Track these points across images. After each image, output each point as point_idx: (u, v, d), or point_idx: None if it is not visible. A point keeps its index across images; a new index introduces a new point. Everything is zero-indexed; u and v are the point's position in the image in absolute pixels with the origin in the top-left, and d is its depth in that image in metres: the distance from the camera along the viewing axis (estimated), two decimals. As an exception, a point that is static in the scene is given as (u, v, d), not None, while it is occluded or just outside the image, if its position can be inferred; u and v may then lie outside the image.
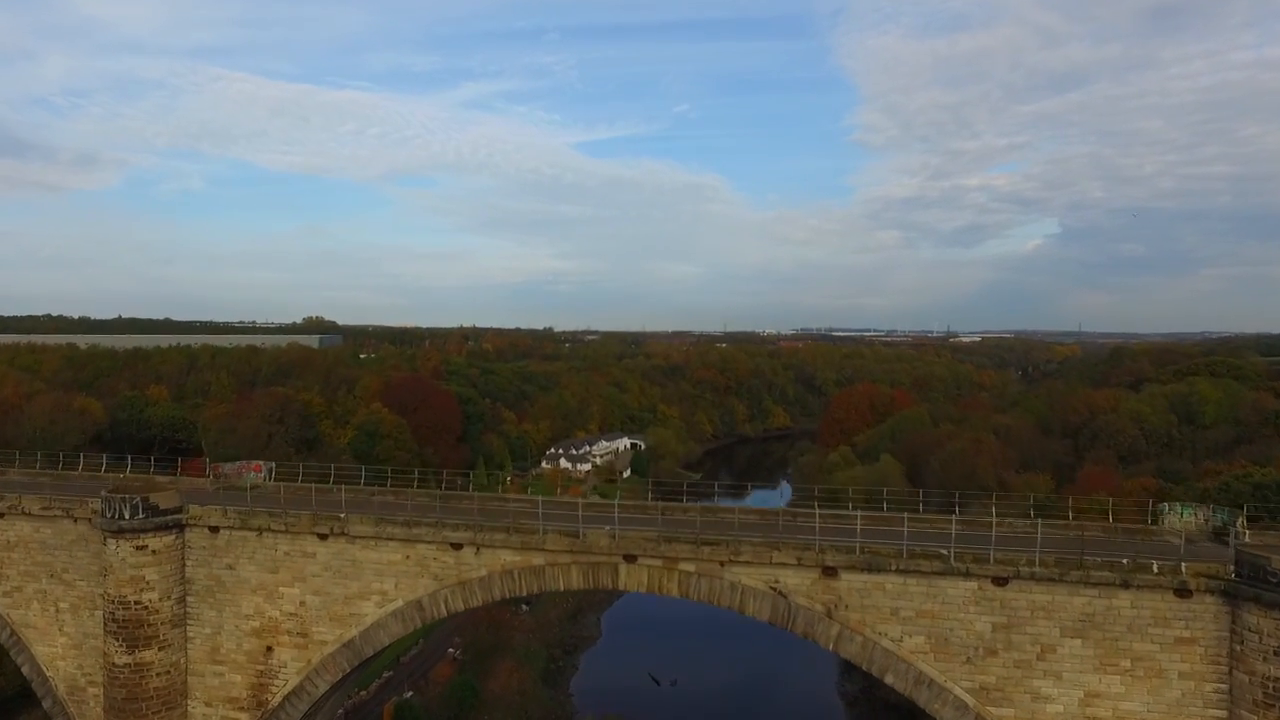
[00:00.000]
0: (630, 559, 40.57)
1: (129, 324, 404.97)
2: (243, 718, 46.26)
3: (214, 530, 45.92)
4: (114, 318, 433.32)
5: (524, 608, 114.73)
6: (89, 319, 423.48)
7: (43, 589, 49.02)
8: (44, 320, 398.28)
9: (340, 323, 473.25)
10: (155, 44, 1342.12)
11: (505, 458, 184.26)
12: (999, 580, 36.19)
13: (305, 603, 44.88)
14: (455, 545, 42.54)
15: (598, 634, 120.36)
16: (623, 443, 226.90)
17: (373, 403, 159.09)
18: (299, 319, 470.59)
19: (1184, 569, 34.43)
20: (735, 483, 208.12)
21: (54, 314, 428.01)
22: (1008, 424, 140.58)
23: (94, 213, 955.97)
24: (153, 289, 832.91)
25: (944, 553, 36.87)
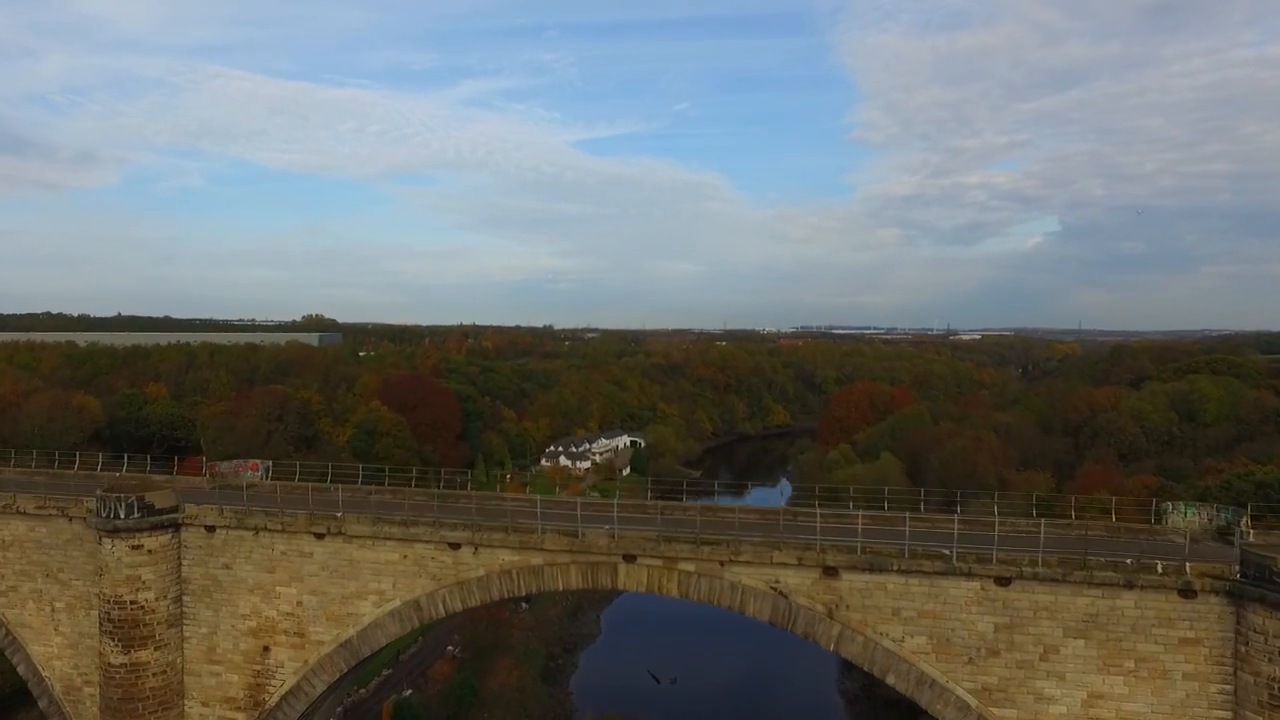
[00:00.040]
0: (630, 559, 40.27)
1: (128, 322, 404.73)
2: (240, 718, 46.00)
3: (210, 529, 45.61)
4: (113, 315, 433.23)
5: (523, 606, 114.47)
6: (88, 317, 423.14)
7: (38, 588, 48.76)
8: (43, 318, 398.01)
9: (340, 320, 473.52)
10: (154, 42, 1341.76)
11: (505, 456, 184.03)
12: (1002, 580, 35.90)
13: (302, 602, 44.59)
14: (453, 545, 42.24)
15: (597, 632, 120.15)
16: (622, 440, 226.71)
17: (372, 401, 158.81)
18: (299, 317, 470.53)
19: (1188, 569, 34.11)
20: (735, 481, 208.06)
21: (53, 312, 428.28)
22: (1008, 422, 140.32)
23: (93, 211, 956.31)
24: (152, 287, 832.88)
25: (946, 553, 36.57)
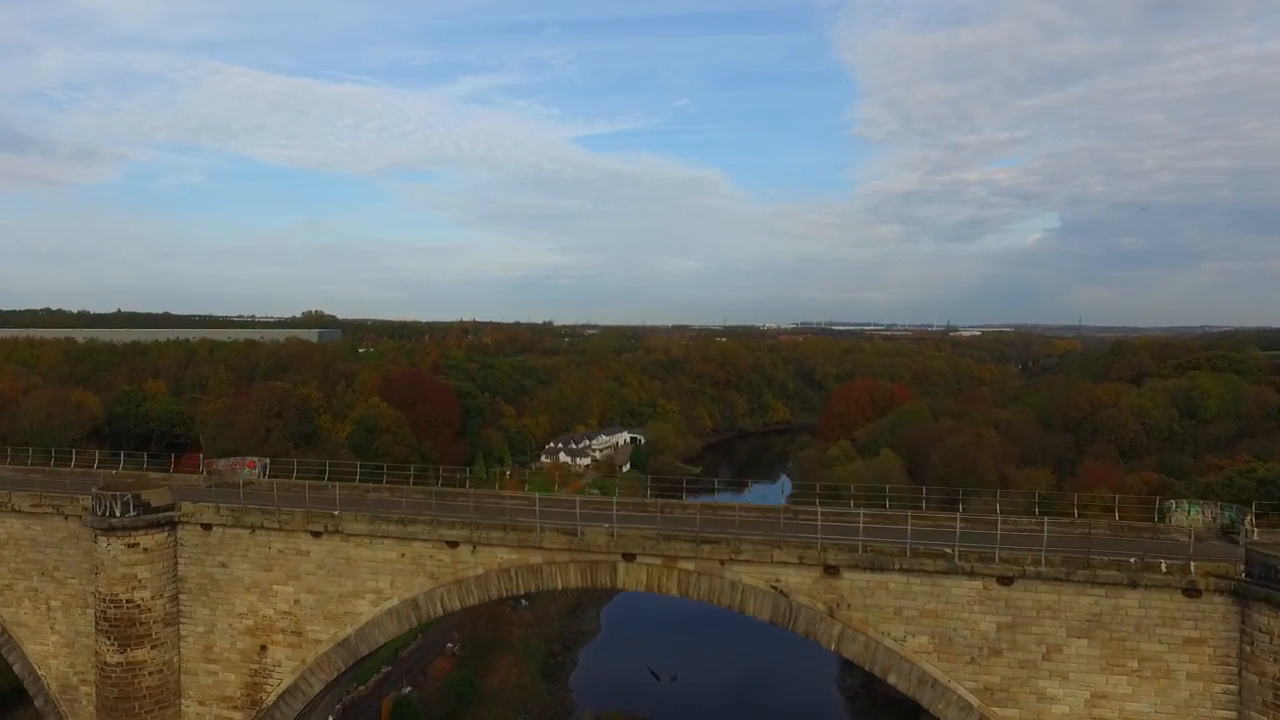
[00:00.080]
0: (629, 557, 39.96)
1: (128, 318, 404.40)
2: (237, 717, 45.73)
3: (206, 528, 45.29)
4: (113, 312, 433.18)
5: (523, 602, 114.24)
6: (88, 313, 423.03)
7: (34, 587, 48.46)
8: (42, 314, 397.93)
9: (339, 317, 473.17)
10: (153, 38, 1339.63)
11: (505, 452, 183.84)
12: (1004, 579, 35.59)
13: (299, 601, 44.28)
14: (451, 543, 41.92)
15: (597, 629, 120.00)
16: (622, 437, 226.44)
17: (371, 397, 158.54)
18: (298, 313, 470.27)
19: (1193, 568, 33.80)
20: (735, 478, 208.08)
21: (53, 308, 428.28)
22: (1008, 418, 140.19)
23: (93, 207, 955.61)
24: (152, 283, 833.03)
25: (948, 551, 36.25)
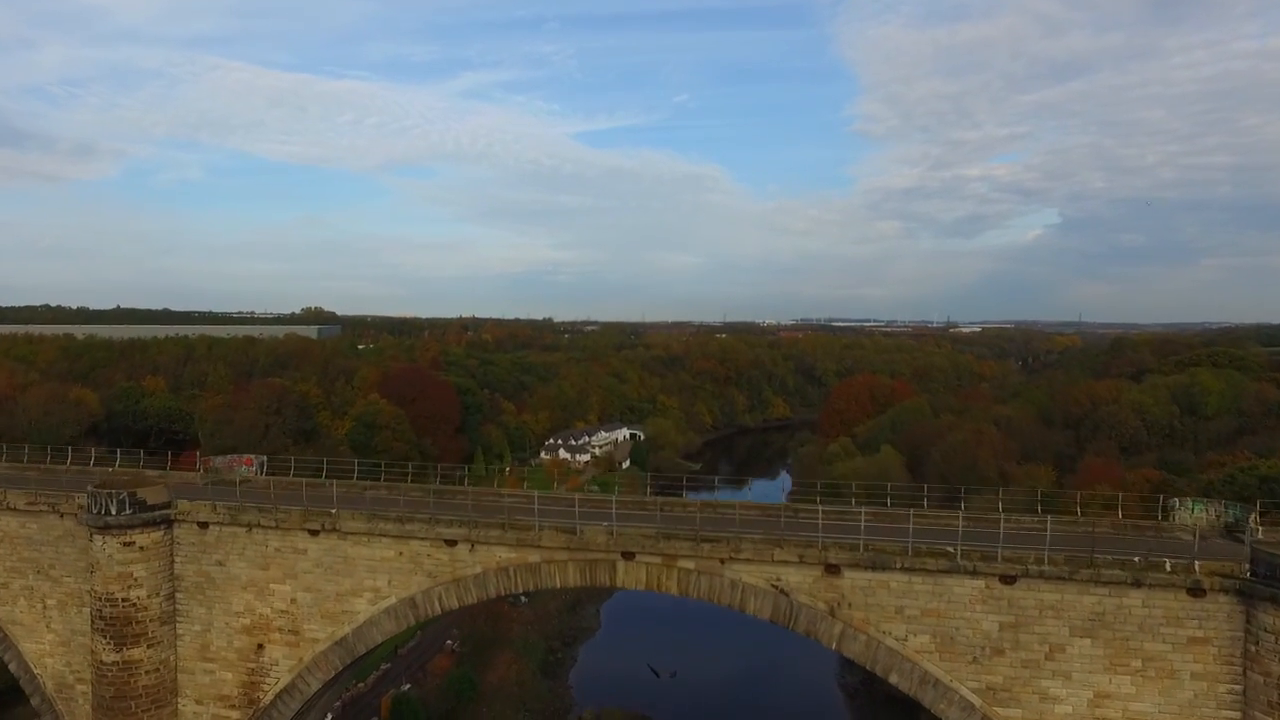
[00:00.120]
0: (628, 556, 39.65)
1: (127, 314, 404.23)
2: (234, 716, 45.45)
3: (203, 526, 44.96)
4: (112, 308, 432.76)
5: (522, 599, 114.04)
6: (87, 309, 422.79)
7: (29, 585, 48.13)
8: (42, 311, 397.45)
9: (339, 313, 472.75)
10: (152, 33, 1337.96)
11: (504, 448, 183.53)
12: (1007, 579, 35.28)
13: (296, 600, 43.97)
14: (449, 542, 41.60)
15: (597, 625, 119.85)
16: (622, 433, 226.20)
17: (371, 394, 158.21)
18: (298, 309, 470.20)
19: (1197, 567, 33.49)
20: (735, 475, 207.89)
21: (52, 304, 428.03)
22: (1009, 415, 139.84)
23: (92, 203, 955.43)
24: (151, 279, 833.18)
25: (950, 550, 35.94)
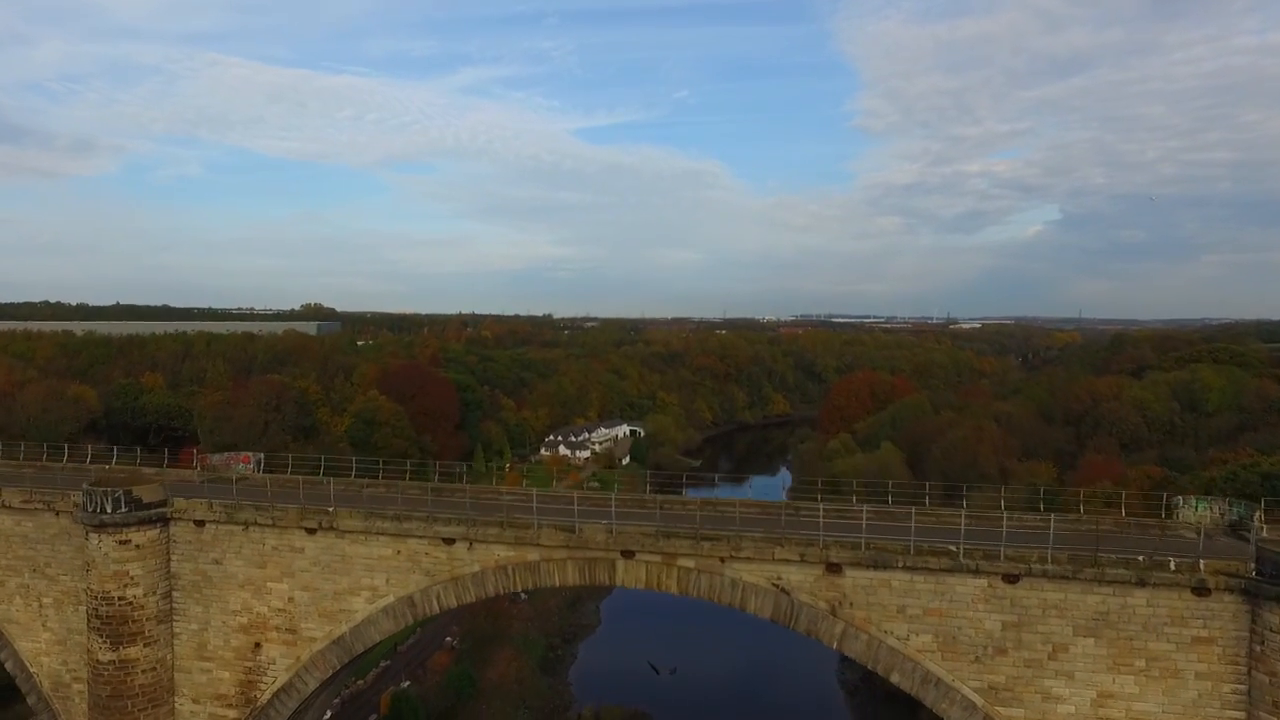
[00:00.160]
0: (628, 554, 39.36)
1: (126, 311, 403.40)
2: (231, 715, 45.18)
3: (199, 524, 44.64)
4: (111, 304, 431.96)
5: (522, 596, 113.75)
6: (86, 306, 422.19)
7: (25, 584, 47.84)
8: (41, 307, 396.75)
9: (338, 309, 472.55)
10: (151, 29, 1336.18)
11: (504, 445, 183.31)
12: (1010, 578, 34.98)
13: (294, 598, 43.67)
14: (447, 540, 41.29)
15: (597, 622, 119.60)
16: (622, 430, 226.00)
17: (370, 390, 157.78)
18: (297, 305, 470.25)
19: (1202, 566, 33.19)
20: (735, 471, 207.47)
21: (51, 301, 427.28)
22: (1009, 411, 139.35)
23: (91, 199, 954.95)
24: (150, 276, 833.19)
25: (952, 549, 35.64)
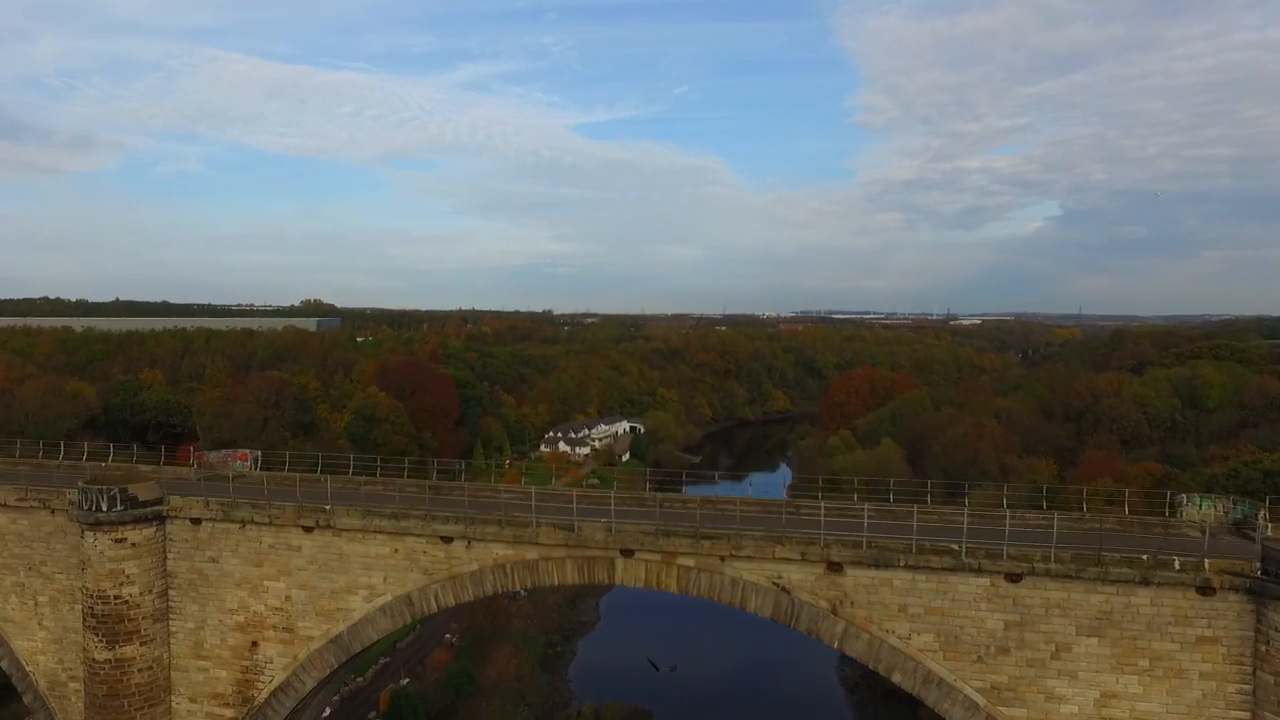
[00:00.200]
0: (627, 553, 39.08)
1: (126, 307, 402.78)
2: (228, 714, 44.93)
3: (196, 522, 44.34)
4: (111, 301, 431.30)
5: (522, 593, 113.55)
6: (86, 302, 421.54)
7: (21, 582, 47.55)
8: (40, 303, 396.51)
9: (338, 306, 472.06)
10: (150, 24, 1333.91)
11: (504, 441, 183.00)
12: (1012, 576, 34.69)
13: (291, 597, 43.39)
14: (445, 539, 41.00)
15: (596, 619, 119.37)
16: (622, 426, 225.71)
17: (370, 387, 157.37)
18: (296, 302, 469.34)
19: (1207, 565, 32.90)
20: (735, 468, 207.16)
21: (51, 297, 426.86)
22: (1009, 408, 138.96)
23: (91, 195, 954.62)
24: (150, 272, 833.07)
25: (955, 547, 35.36)
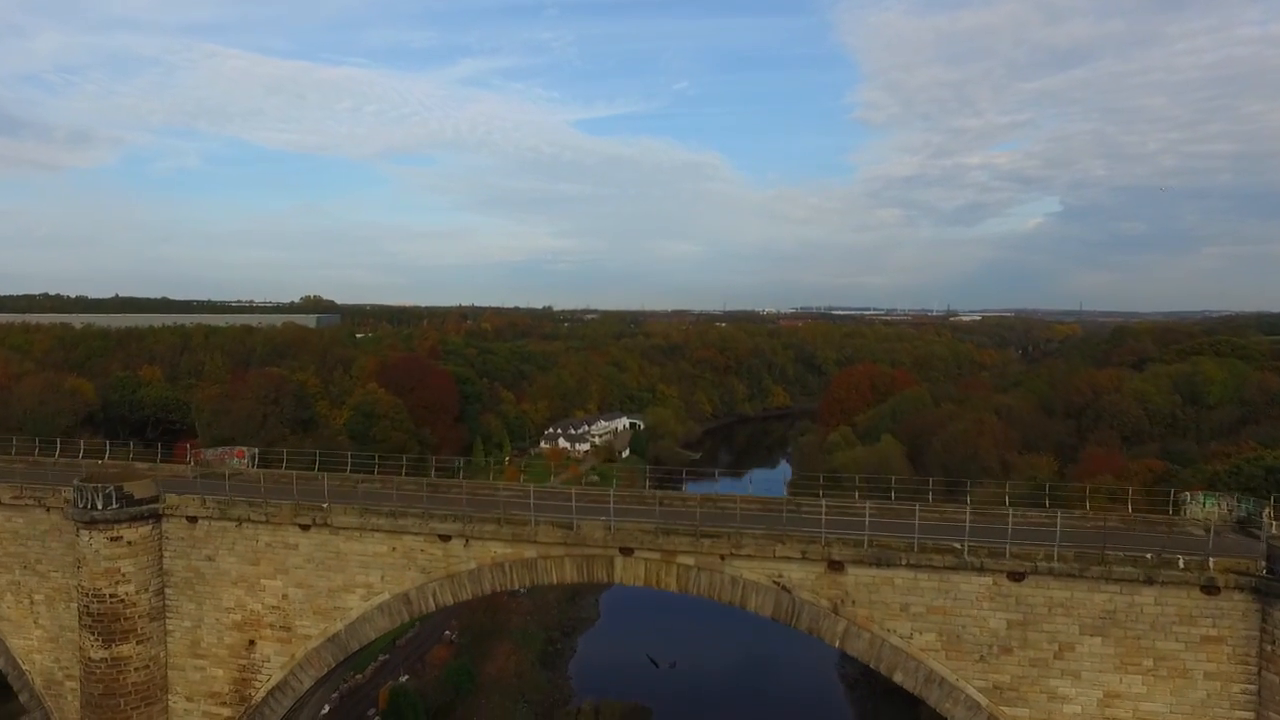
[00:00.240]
0: (626, 552, 38.78)
1: (125, 303, 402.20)
2: (225, 713, 44.68)
3: (192, 520, 44.03)
4: (110, 297, 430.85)
5: (521, 590, 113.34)
6: (85, 298, 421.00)
7: (16, 580, 47.27)
8: (39, 299, 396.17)
9: (338, 302, 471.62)
10: (149, 20, 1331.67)
11: (504, 438, 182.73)
12: (1015, 575, 34.38)
13: (288, 596, 43.10)
14: (443, 537, 40.70)
15: (596, 616, 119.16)
16: (621, 422, 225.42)
17: (369, 383, 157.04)
18: (296, 298, 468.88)
19: (1211, 564, 32.60)
20: (734, 465, 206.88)
21: (50, 293, 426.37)
22: (1009, 404, 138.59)
23: (90, 191, 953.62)
24: (149, 268, 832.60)
25: (957, 546, 35.06)
